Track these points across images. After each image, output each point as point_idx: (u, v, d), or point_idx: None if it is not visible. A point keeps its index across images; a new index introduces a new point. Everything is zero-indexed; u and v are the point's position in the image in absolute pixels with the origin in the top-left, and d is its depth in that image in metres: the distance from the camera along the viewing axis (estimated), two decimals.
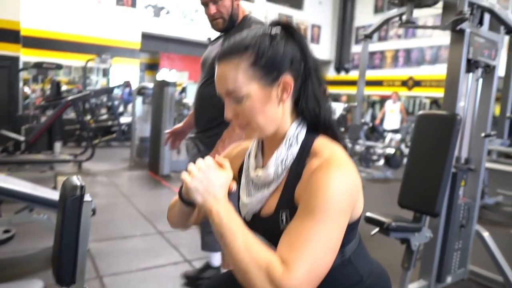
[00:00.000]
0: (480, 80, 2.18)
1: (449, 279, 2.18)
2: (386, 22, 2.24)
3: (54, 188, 3.50)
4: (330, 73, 13.72)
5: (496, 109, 2.30)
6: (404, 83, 11.75)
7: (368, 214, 1.84)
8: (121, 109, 8.52)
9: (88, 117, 6.76)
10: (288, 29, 0.77)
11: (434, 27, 2.02)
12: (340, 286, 0.82)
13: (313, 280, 0.65)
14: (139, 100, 5.85)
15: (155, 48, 11.18)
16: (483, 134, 2.14)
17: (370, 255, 0.90)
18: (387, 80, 12.17)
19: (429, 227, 2.01)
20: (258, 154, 0.86)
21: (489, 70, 2.20)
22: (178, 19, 10.31)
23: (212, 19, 1.62)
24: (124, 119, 7.44)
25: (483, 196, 3.95)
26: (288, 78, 0.75)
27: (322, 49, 13.61)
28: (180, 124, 1.95)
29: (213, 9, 1.59)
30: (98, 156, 5.46)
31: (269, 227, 0.78)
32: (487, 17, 2.09)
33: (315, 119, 0.79)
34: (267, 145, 0.85)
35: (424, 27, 2.08)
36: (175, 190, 3.94)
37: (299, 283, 0.63)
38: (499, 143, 4.63)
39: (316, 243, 0.65)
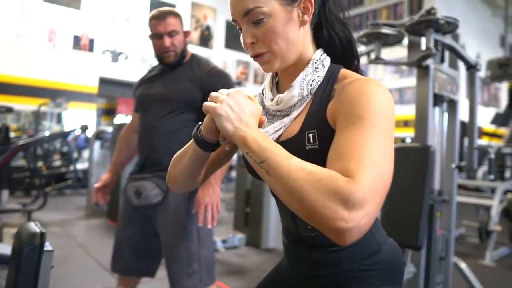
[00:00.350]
0: (446, 114, 2.27)
1: None
2: None
3: (0, 241, 3.15)
4: None
5: None
6: None
7: None
8: (75, 155, 8.10)
9: (40, 163, 6.33)
10: None
11: (401, 64, 2.10)
12: (358, 253, 0.73)
13: (380, 188, 0.56)
14: (97, 144, 5.60)
15: (113, 93, 10.97)
16: (453, 165, 2.20)
17: None
18: None
19: (411, 262, 1.97)
20: (273, 89, 0.81)
21: (452, 104, 2.31)
22: (137, 64, 10.27)
23: (164, 52, 1.62)
24: (79, 166, 7.05)
25: None
26: None
27: None
28: (107, 175, 1.82)
29: (168, 41, 1.60)
30: (51, 205, 5.05)
31: (290, 149, 0.64)
32: (447, 54, 2.22)
33: (346, 43, 0.76)
34: (285, 78, 0.79)
35: (392, 63, 2.18)
36: None
37: (367, 191, 0.53)
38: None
39: (374, 148, 0.58)
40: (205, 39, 12.11)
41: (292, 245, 0.82)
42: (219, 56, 11.77)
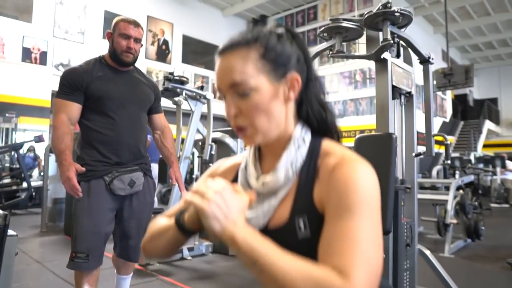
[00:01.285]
0: (403, 106, 2.39)
1: None
2: (317, 55, 2.38)
3: None
4: None
5: None
6: None
7: None
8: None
9: None
10: (291, 32, 0.76)
11: (360, 57, 2.19)
12: None
13: (374, 281, 0.59)
14: (52, 158, 5.33)
15: None
16: (414, 154, 2.30)
17: None
18: None
19: None
20: (257, 164, 0.79)
21: (408, 98, 2.43)
22: None
23: (126, 51, 1.82)
24: (32, 183, 6.64)
25: None
26: (296, 75, 0.73)
27: None
28: (75, 164, 1.73)
29: (133, 44, 1.83)
30: None
31: (282, 239, 0.66)
32: (401, 51, 2.35)
33: (322, 123, 0.77)
34: (267, 153, 0.79)
35: (352, 56, 2.30)
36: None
37: None
38: None
39: (365, 242, 0.60)
40: (163, 54, 12.02)
41: None
42: (177, 71, 11.66)
